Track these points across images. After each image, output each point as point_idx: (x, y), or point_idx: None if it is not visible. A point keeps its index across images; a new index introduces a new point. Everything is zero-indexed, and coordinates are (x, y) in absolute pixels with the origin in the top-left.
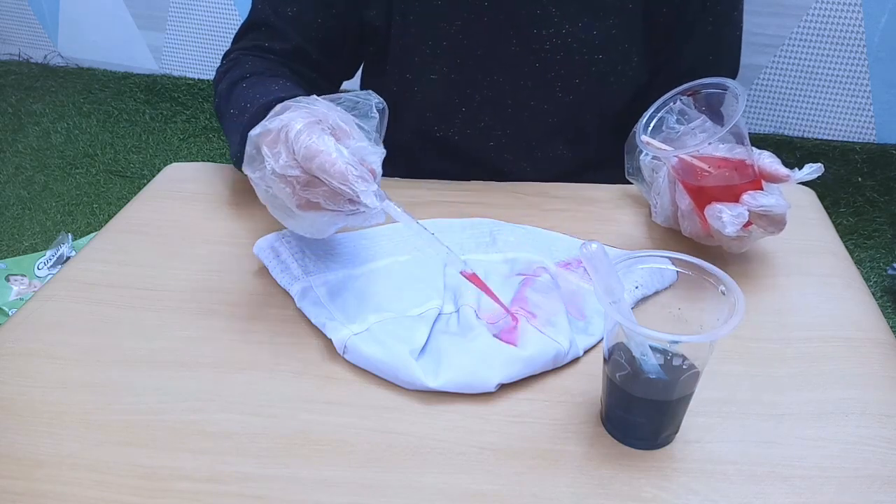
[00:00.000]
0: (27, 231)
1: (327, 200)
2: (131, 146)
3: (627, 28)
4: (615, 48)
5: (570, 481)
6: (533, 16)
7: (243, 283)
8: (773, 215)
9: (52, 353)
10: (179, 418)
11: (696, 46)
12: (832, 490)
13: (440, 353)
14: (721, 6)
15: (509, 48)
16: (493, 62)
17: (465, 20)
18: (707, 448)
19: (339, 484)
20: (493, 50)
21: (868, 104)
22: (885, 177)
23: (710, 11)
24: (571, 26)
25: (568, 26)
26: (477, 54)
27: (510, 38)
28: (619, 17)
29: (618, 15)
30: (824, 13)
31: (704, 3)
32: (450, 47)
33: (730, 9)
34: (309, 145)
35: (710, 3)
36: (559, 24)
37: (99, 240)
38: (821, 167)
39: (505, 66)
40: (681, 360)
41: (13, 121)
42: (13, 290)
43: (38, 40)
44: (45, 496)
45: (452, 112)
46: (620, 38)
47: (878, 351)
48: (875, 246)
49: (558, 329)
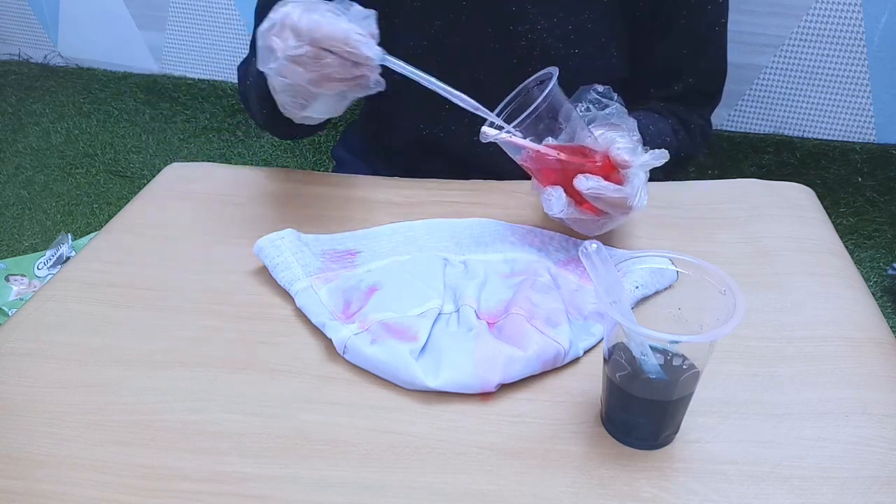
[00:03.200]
0: (27, 231)
1: (337, 70)
2: (131, 146)
3: (604, 21)
4: (592, 42)
5: (570, 481)
6: (509, 13)
7: (243, 283)
8: (607, 198)
9: (52, 353)
10: (179, 418)
11: (673, 40)
12: (832, 490)
13: (440, 353)
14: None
15: (489, 46)
16: (475, 61)
17: (446, 20)
18: (707, 448)
19: (338, 484)
20: (474, 49)
21: (868, 104)
22: (885, 177)
23: (684, 4)
24: (546, 21)
25: (543, 22)
26: (458, 54)
27: (489, 36)
28: (594, 11)
29: (593, 9)
30: (824, 13)
31: None
32: (431, 47)
33: (708, 2)
34: (312, 20)
35: None
36: (534, 20)
37: (99, 240)
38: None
39: (486, 64)
40: (681, 360)
41: (13, 121)
42: (13, 290)
43: (38, 40)
44: (45, 496)
45: (439, 111)
46: (597, 32)
47: (878, 351)
48: (875, 246)
49: (558, 329)
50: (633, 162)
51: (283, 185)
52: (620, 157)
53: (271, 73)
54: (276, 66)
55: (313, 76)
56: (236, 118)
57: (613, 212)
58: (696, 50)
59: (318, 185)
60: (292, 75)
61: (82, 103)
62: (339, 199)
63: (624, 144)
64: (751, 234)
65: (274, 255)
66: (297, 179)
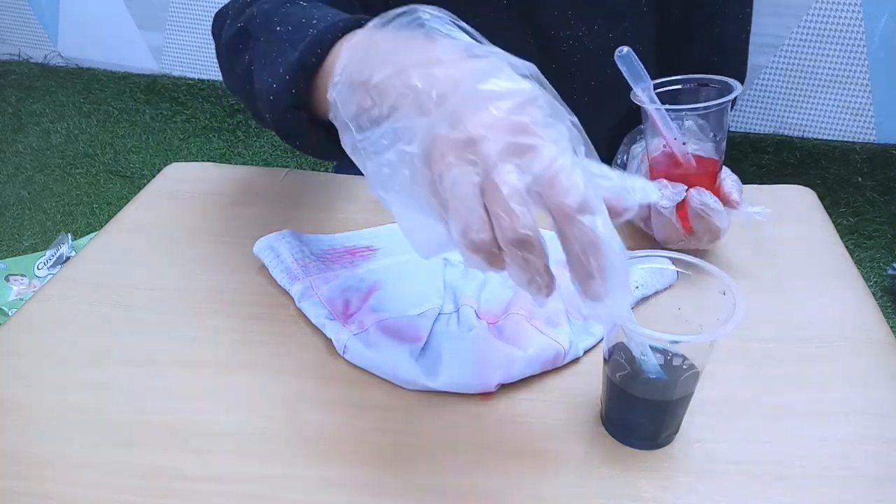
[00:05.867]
0: (27, 231)
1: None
2: (131, 146)
3: (641, 30)
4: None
5: (570, 481)
6: (550, 17)
7: (243, 283)
8: (710, 221)
9: (52, 353)
10: (179, 418)
11: (702, 49)
12: (832, 490)
13: (440, 353)
14: (729, 7)
15: (526, 48)
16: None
17: (484, 17)
18: (707, 448)
19: (339, 484)
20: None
21: (868, 104)
22: (885, 177)
23: (720, 13)
24: (587, 28)
25: (584, 29)
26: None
27: (528, 38)
28: (632, 20)
29: (632, 18)
30: (824, 13)
31: (715, 4)
32: None
33: (738, 10)
34: (591, 182)
35: (719, 5)
36: (576, 26)
37: (99, 240)
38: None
39: None
40: (681, 360)
41: (13, 121)
42: (13, 290)
43: (38, 40)
44: (45, 496)
45: None
46: (634, 41)
47: (878, 351)
48: (875, 246)
49: (558, 329)
50: (741, 205)
51: (283, 185)
52: (733, 196)
53: (369, 144)
54: (402, 152)
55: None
56: (236, 118)
57: (700, 234)
58: (724, 59)
59: (318, 185)
60: (423, 185)
61: (82, 103)
62: (339, 199)
63: (736, 182)
64: (751, 234)
65: (274, 255)
66: (297, 179)
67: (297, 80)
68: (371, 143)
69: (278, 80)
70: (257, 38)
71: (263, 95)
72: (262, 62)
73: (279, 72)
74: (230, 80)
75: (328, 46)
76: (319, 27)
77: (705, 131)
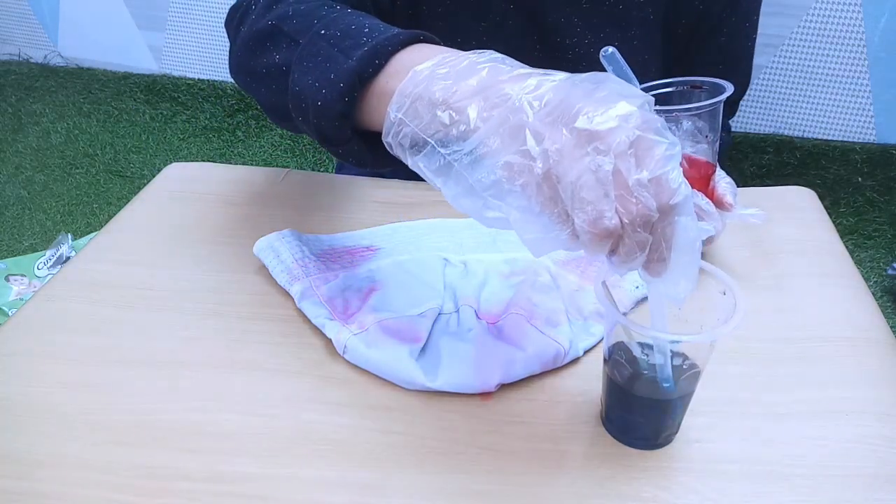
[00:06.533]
0: (27, 231)
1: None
2: (131, 146)
3: (648, 39)
4: (636, 59)
5: (570, 481)
6: (557, 24)
7: (243, 283)
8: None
9: (52, 353)
10: (179, 418)
11: (710, 57)
12: (832, 489)
13: (440, 354)
14: (737, 17)
15: (533, 53)
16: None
17: (491, 21)
18: (707, 448)
19: (339, 484)
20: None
21: (868, 104)
22: (885, 177)
23: (727, 23)
24: (593, 36)
25: (591, 37)
26: None
27: (534, 43)
28: (640, 29)
29: (639, 27)
30: (824, 13)
31: (721, 14)
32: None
33: (745, 20)
34: (681, 184)
35: (726, 15)
36: (583, 33)
37: (99, 240)
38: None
39: None
40: (681, 360)
41: (13, 121)
42: (13, 290)
43: (38, 40)
44: (45, 496)
45: None
46: (641, 50)
47: (878, 351)
48: (875, 246)
49: (558, 329)
50: (734, 207)
51: (283, 185)
52: (726, 198)
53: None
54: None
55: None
56: (236, 118)
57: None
58: (730, 66)
59: (318, 185)
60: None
61: (82, 103)
62: (339, 199)
63: (730, 184)
64: (751, 234)
65: (274, 255)
66: (297, 179)
67: (352, 89)
68: (465, 154)
69: (329, 86)
70: (293, 38)
71: (309, 100)
72: (306, 65)
73: (330, 77)
74: (246, 74)
75: (387, 58)
76: (377, 37)
77: (703, 133)
